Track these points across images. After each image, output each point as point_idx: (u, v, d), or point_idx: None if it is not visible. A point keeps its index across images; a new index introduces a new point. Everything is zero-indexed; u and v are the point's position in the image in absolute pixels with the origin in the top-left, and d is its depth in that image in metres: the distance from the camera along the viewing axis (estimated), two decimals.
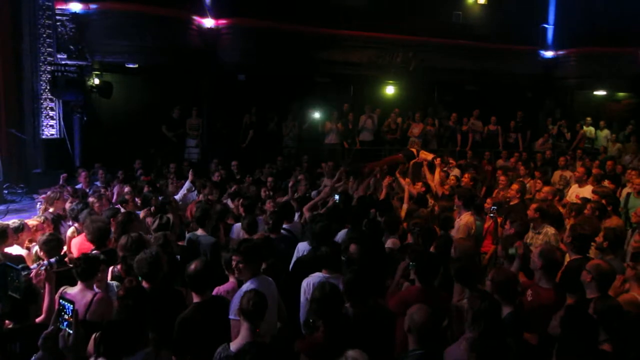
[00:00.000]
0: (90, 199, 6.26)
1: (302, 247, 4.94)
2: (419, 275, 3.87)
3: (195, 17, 11.33)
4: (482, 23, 14.53)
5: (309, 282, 4.02)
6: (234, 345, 3.04)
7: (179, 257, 4.54)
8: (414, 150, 8.83)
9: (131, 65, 11.27)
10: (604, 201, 6.05)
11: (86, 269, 3.63)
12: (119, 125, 11.17)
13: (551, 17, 14.44)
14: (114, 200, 6.91)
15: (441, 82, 14.12)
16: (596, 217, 5.55)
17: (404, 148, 11.22)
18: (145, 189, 7.29)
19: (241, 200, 6.35)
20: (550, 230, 5.41)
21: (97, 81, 10.54)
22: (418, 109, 13.35)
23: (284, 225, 5.52)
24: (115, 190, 7.56)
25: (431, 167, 8.03)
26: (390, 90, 14.06)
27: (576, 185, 7.86)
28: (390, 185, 7.20)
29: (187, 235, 5.20)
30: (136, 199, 6.56)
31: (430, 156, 8.43)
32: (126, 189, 7.03)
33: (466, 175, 8.01)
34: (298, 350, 3.29)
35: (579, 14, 14.31)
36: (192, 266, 3.51)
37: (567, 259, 4.52)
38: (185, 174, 9.10)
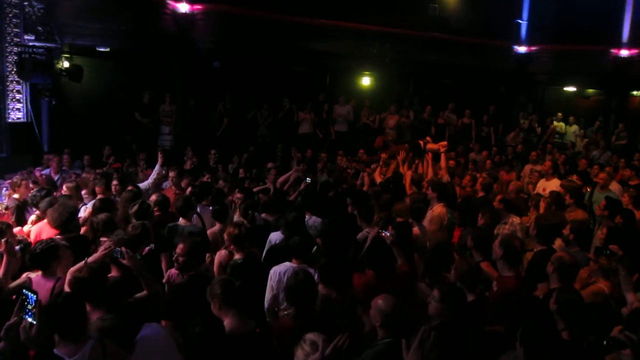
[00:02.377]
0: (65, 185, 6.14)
1: (275, 237, 4.94)
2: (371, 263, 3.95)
3: (169, 2, 11.09)
4: (457, 17, 14.64)
5: (275, 271, 4.04)
6: None
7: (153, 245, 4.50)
8: (420, 142, 8.85)
9: (102, 49, 10.99)
10: (567, 195, 6.21)
11: (40, 256, 3.56)
12: (89, 110, 10.92)
13: (525, 13, 14.64)
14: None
15: (417, 75, 14.20)
16: (553, 210, 5.71)
17: (412, 139, 11.29)
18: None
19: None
20: (515, 220, 5.62)
21: (66, 64, 10.26)
22: (393, 100, 13.43)
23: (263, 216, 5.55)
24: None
25: (435, 157, 8.14)
26: (366, 81, 14.09)
27: (544, 179, 8.06)
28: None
29: (169, 225, 5.15)
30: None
31: (436, 146, 8.48)
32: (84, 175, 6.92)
33: (440, 172, 8.11)
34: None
35: (552, 11, 14.57)
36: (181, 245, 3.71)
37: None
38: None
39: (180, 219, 5.16)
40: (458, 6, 14.98)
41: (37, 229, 4.83)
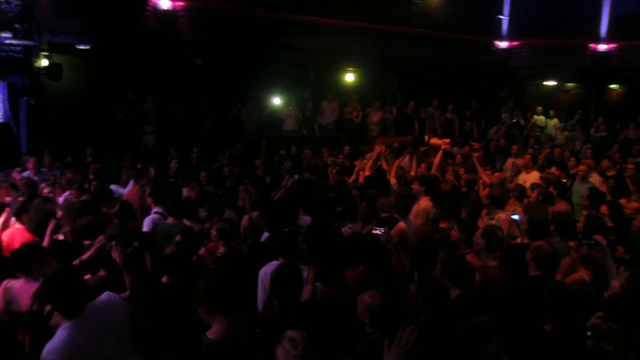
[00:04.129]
0: (43, 187, 6.06)
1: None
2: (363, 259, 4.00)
3: None
4: (440, 13, 14.76)
5: (266, 272, 4.02)
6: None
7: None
8: (425, 137, 8.90)
9: (82, 47, 10.82)
10: (551, 188, 6.33)
11: (21, 258, 3.54)
12: (69, 110, 10.72)
13: (506, 9, 14.80)
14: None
15: (400, 71, 14.27)
16: (541, 201, 5.81)
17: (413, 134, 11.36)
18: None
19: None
20: (502, 215, 5.69)
21: (45, 63, 10.07)
22: (377, 97, 13.48)
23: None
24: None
25: (446, 155, 8.21)
26: (350, 77, 14.12)
27: (524, 172, 8.19)
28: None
29: (155, 222, 5.13)
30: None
31: (441, 142, 8.52)
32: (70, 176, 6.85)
33: (422, 166, 8.18)
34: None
35: (532, 7, 14.77)
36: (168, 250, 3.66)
37: None
38: (142, 161, 8.93)
39: (170, 217, 5.14)
40: (440, 2, 15.09)
41: (8, 234, 4.75)
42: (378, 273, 3.95)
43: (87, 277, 3.77)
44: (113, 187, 6.82)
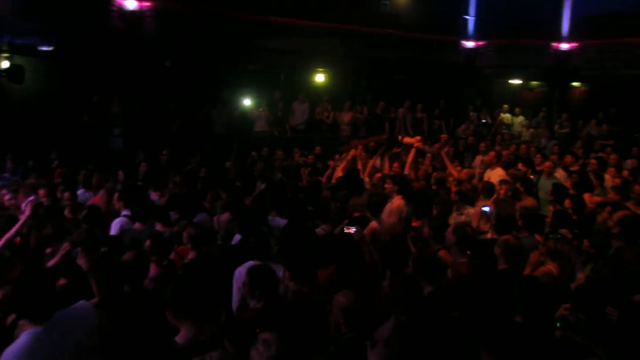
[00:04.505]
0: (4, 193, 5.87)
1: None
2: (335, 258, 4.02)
3: None
4: (408, 13, 14.93)
5: (240, 272, 3.99)
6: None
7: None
8: (399, 136, 8.93)
9: (45, 48, 10.52)
10: (518, 184, 6.49)
11: None
12: (32, 113, 10.41)
13: (472, 10, 15.09)
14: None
15: (369, 71, 14.37)
16: (509, 197, 5.95)
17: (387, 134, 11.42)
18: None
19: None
20: (471, 211, 5.80)
21: (6, 64, 9.76)
22: (347, 97, 13.55)
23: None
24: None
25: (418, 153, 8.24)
26: (320, 78, 14.15)
27: (489, 168, 8.38)
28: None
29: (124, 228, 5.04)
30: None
31: (413, 140, 8.56)
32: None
33: (395, 165, 8.24)
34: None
35: (496, 7, 15.10)
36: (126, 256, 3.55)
37: None
38: (110, 164, 8.75)
39: (137, 223, 5.06)
40: (408, 3, 15.28)
41: None
42: (351, 272, 3.97)
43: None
44: (80, 191, 6.68)
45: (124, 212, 5.35)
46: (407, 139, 8.56)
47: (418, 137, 8.84)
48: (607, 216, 5.15)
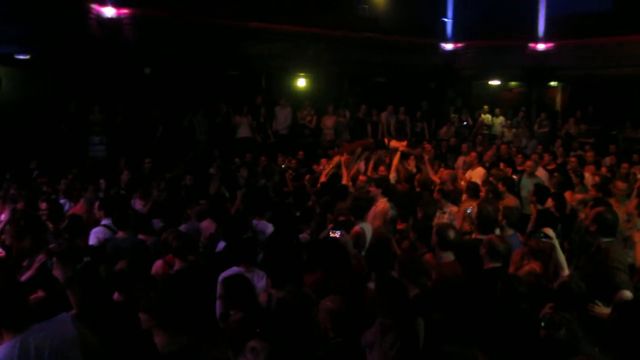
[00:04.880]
0: None
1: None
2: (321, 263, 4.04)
3: (93, 5, 10.61)
4: (387, 16, 15.04)
5: (223, 277, 3.98)
6: None
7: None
8: (385, 139, 8.93)
9: (22, 57, 10.35)
10: (500, 184, 6.56)
11: None
12: (9, 122, 10.23)
13: (450, 12, 15.26)
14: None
15: (351, 74, 14.42)
16: (491, 198, 6.01)
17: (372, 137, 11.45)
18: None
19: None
20: (453, 209, 5.89)
21: None
22: (330, 101, 13.58)
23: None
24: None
25: (403, 156, 8.24)
26: (302, 83, 14.15)
27: (470, 169, 8.48)
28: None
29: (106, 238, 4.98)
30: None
31: (400, 145, 8.58)
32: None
33: (381, 168, 8.27)
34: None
35: (473, 10, 15.30)
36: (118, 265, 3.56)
37: None
38: (91, 172, 8.63)
39: (119, 232, 5.00)
40: (386, 6, 15.40)
41: None
42: (337, 276, 3.97)
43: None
44: (62, 201, 6.59)
45: (104, 222, 5.28)
46: (393, 143, 8.60)
47: (405, 142, 8.88)
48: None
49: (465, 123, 14.32)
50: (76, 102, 10.82)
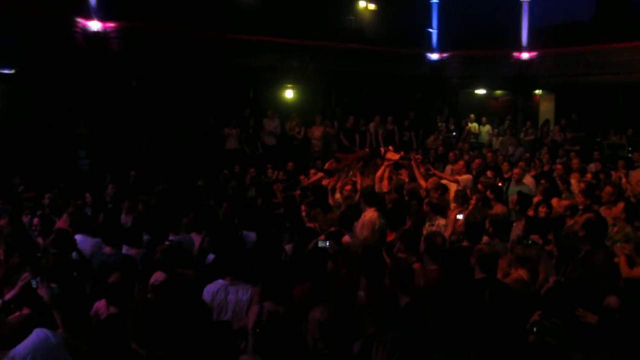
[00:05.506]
0: None
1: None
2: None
3: (79, 19, 10.58)
4: (373, 28, 15.21)
5: (208, 290, 3.98)
6: None
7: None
8: (381, 149, 8.92)
9: (7, 71, 10.27)
10: (488, 192, 6.60)
11: None
12: None
13: (434, 23, 15.44)
14: None
15: (338, 85, 14.50)
16: (480, 206, 6.04)
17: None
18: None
19: None
20: (441, 221, 5.89)
21: None
22: (317, 111, 13.62)
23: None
24: None
25: (397, 166, 8.22)
26: (289, 94, 14.19)
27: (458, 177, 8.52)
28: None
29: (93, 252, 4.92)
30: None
31: (396, 156, 8.58)
32: None
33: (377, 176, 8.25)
34: None
35: (458, 19, 15.51)
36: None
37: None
38: (77, 186, 8.54)
39: (107, 247, 4.94)
40: (372, 18, 15.58)
41: None
42: (327, 287, 3.95)
43: (12, 316, 3.53)
44: None
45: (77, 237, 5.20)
46: (389, 155, 8.60)
47: (401, 153, 8.89)
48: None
49: (454, 134, 14.43)
50: (62, 115, 10.73)
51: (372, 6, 15.95)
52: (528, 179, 8.34)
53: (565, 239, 5.10)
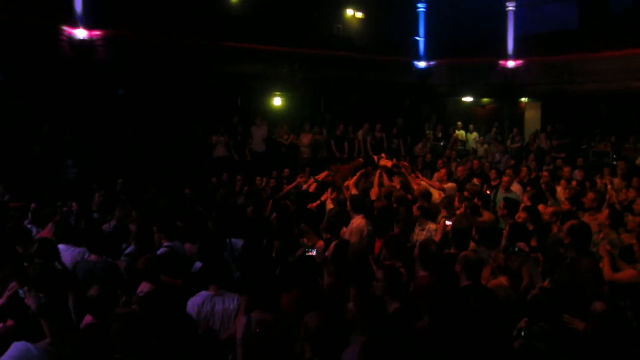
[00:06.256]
0: None
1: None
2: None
3: (65, 28, 10.51)
4: (360, 36, 15.32)
5: (193, 303, 3.94)
6: None
7: None
8: (375, 157, 8.93)
9: None
10: (475, 199, 6.64)
11: None
12: None
13: (422, 31, 15.58)
14: None
15: (327, 93, 14.54)
16: (469, 214, 6.07)
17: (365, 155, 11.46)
18: None
19: None
20: (432, 226, 5.91)
21: None
22: (306, 119, 13.64)
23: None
24: None
25: (390, 173, 8.23)
26: (278, 102, 14.21)
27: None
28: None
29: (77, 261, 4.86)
30: None
31: (390, 163, 8.59)
32: None
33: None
34: None
35: (445, 28, 15.67)
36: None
37: None
38: (63, 195, 8.44)
39: (92, 255, 4.88)
40: (360, 26, 15.69)
41: None
42: (315, 295, 3.94)
43: None
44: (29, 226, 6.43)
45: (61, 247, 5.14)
46: (383, 162, 8.63)
47: (394, 161, 8.93)
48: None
49: (442, 143, 14.52)
50: (50, 124, 10.62)
51: (359, 15, 16.08)
52: (516, 186, 8.41)
53: (551, 246, 5.14)
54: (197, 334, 3.21)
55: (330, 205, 7.26)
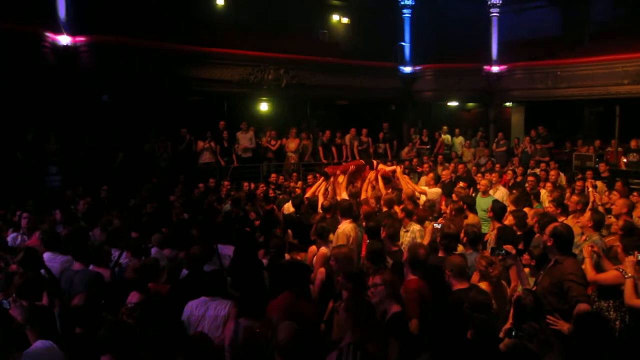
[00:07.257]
0: None
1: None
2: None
3: (48, 34, 10.39)
4: (346, 41, 15.39)
5: (189, 306, 3.93)
6: None
7: None
8: (374, 161, 8.94)
9: None
10: (460, 202, 6.70)
11: None
12: None
13: (407, 37, 15.71)
14: None
15: (313, 98, 14.58)
16: (454, 216, 6.13)
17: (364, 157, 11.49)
18: None
19: None
20: (415, 227, 5.99)
21: None
22: (292, 124, 13.65)
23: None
24: None
25: (387, 179, 8.25)
26: (264, 107, 14.20)
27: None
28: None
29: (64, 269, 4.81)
30: None
31: (388, 169, 8.60)
32: None
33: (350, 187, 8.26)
34: None
35: (429, 34, 15.83)
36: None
37: None
38: (47, 203, 8.32)
39: (76, 263, 4.82)
40: (346, 32, 15.78)
41: None
42: (304, 299, 3.94)
43: None
44: (11, 236, 6.34)
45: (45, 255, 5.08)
46: (381, 166, 8.65)
47: (394, 167, 8.96)
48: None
49: (428, 147, 14.62)
50: (33, 131, 10.47)
51: (345, 20, 16.20)
52: (501, 189, 8.49)
53: (535, 249, 5.20)
54: (189, 337, 3.20)
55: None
